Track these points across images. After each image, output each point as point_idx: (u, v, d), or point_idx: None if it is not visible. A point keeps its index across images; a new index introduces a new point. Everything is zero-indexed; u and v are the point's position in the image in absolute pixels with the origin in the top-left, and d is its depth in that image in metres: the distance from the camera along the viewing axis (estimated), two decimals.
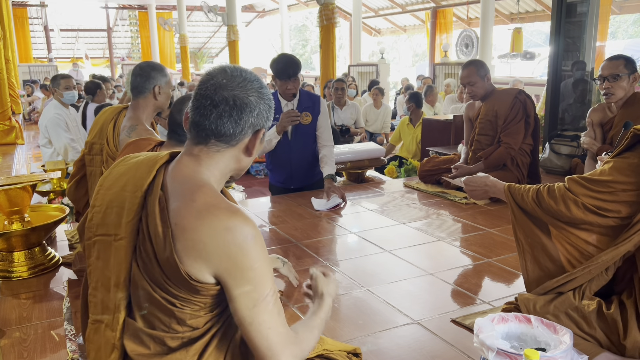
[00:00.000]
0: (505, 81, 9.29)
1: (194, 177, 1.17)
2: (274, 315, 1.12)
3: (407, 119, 6.05)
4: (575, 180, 1.70)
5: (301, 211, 3.42)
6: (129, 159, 1.30)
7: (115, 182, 1.25)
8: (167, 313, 1.14)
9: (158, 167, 1.20)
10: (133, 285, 1.18)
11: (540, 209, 1.76)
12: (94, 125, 2.56)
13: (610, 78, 3.03)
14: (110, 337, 1.18)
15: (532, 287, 1.80)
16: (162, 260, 1.11)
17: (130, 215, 1.17)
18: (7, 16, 8.59)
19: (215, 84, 1.17)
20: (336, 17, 8.12)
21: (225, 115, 1.16)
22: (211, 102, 1.16)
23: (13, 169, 4.82)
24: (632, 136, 1.63)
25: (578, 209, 1.67)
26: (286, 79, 3.34)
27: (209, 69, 1.23)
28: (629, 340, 1.57)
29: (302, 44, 30.50)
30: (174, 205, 1.12)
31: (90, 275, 1.24)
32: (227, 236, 1.08)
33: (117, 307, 1.18)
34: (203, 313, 1.15)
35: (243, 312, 1.10)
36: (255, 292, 1.10)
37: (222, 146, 1.19)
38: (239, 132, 1.18)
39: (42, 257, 2.53)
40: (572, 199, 1.68)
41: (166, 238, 1.10)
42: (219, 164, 1.20)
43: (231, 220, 1.09)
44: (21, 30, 17.98)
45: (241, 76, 1.19)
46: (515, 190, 1.85)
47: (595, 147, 3.15)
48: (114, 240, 1.18)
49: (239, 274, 1.09)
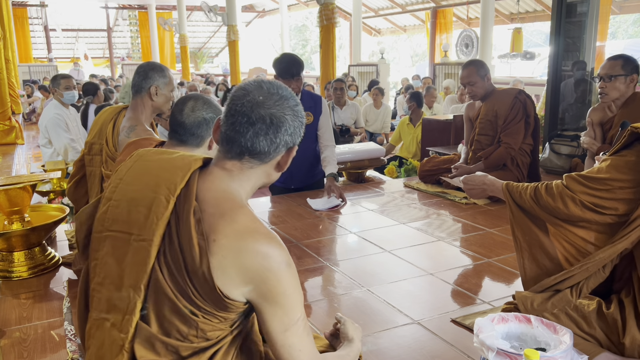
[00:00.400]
0: (505, 81, 9.29)
1: (230, 192, 1.17)
2: (303, 338, 1.17)
3: (407, 118, 6.05)
4: (573, 178, 1.71)
5: (301, 211, 3.42)
6: (155, 154, 1.26)
7: (139, 178, 1.21)
8: (187, 324, 1.12)
9: (192, 173, 1.17)
10: (153, 291, 1.14)
11: (538, 206, 1.76)
12: (94, 125, 2.55)
13: (605, 78, 3.03)
14: (118, 339, 1.14)
15: (530, 285, 1.81)
16: (193, 272, 1.10)
17: (158, 219, 1.13)
18: (7, 16, 8.58)
19: (251, 100, 1.16)
20: (336, 17, 8.11)
21: (261, 133, 1.16)
22: (248, 120, 1.15)
23: (13, 169, 4.83)
24: (629, 134, 1.63)
25: (576, 206, 1.67)
26: (289, 78, 3.35)
27: (244, 83, 1.21)
28: (628, 338, 1.57)
29: (302, 44, 30.50)
30: (211, 220, 1.11)
31: (95, 269, 1.21)
32: (264, 262, 1.09)
33: (131, 310, 1.14)
34: (223, 326, 1.15)
35: (276, 336, 1.14)
36: (286, 317, 1.13)
37: (255, 163, 1.19)
38: (274, 149, 1.19)
39: (42, 257, 2.53)
40: (569, 196, 1.68)
41: (202, 252, 1.09)
42: (250, 180, 1.21)
43: (269, 246, 1.11)
44: (21, 30, 17.99)
45: (278, 94, 1.19)
46: (513, 188, 1.85)
47: (595, 146, 3.15)
48: (135, 240, 1.15)
49: (273, 298, 1.11)
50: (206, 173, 1.19)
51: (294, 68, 3.35)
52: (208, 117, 1.89)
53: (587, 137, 3.25)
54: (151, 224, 1.13)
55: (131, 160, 1.27)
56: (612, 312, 1.62)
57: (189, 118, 1.88)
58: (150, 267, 1.12)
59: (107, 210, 1.21)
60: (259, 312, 1.14)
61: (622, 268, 1.70)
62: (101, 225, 1.21)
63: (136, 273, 1.13)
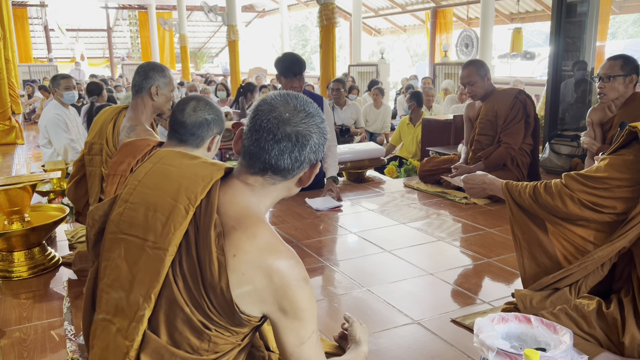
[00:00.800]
0: (505, 81, 9.28)
1: (250, 207, 1.15)
2: (317, 350, 1.18)
3: (407, 118, 6.05)
4: (571, 177, 1.72)
5: (301, 211, 3.42)
6: (176, 158, 1.23)
7: (158, 182, 1.18)
8: (199, 337, 1.11)
9: (213, 183, 1.15)
10: (165, 301, 1.11)
11: (537, 205, 1.77)
12: (94, 125, 2.55)
13: (604, 78, 3.04)
14: (122, 345, 1.12)
15: (529, 283, 1.81)
16: (210, 287, 1.08)
17: (175, 228, 1.11)
18: (7, 16, 8.59)
19: (278, 117, 1.14)
20: (336, 17, 8.10)
21: (286, 151, 1.14)
22: (273, 137, 1.13)
23: (13, 169, 4.83)
24: (627, 133, 1.64)
25: (574, 205, 1.68)
26: (292, 77, 3.36)
27: (270, 98, 1.18)
28: (627, 338, 1.57)
29: (302, 44, 30.50)
30: (232, 235, 1.09)
31: (105, 270, 1.18)
32: (284, 279, 1.09)
33: (139, 318, 1.11)
34: (234, 340, 1.14)
35: (291, 349, 1.15)
36: (302, 330, 1.14)
37: (278, 179, 1.18)
38: (297, 167, 1.17)
39: (42, 257, 2.53)
40: (568, 194, 1.69)
41: (221, 267, 1.07)
42: (271, 195, 1.20)
43: (289, 263, 1.10)
44: (21, 30, 17.98)
45: (304, 110, 1.17)
46: (513, 187, 1.86)
47: (595, 146, 3.15)
48: (150, 247, 1.12)
49: (292, 313, 1.11)
50: (227, 185, 1.17)
51: (296, 67, 3.36)
52: (210, 119, 1.91)
53: (587, 137, 3.25)
54: (168, 233, 1.11)
55: (150, 161, 1.24)
56: (612, 311, 1.63)
57: (190, 118, 1.89)
58: (164, 277, 1.10)
59: (123, 212, 1.18)
60: (276, 327, 1.14)
61: (622, 267, 1.71)
62: (116, 226, 1.18)
63: (149, 281, 1.11)
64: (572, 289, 1.69)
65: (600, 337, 1.64)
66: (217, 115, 1.94)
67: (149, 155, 1.27)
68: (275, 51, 26.21)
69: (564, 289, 1.69)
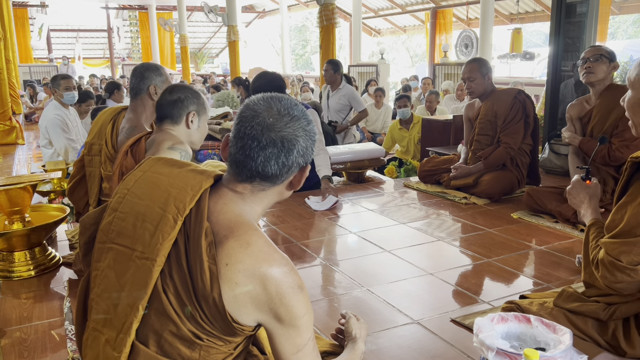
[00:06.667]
0: (505, 82, 9.27)
1: (242, 215, 1.13)
2: (314, 357, 1.16)
3: (397, 122, 6.00)
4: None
5: (301, 211, 3.42)
6: (165, 166, 1.22)
7: (149, 192, 1.16)
8: (190, 347, 1.09)
9: (202, 192, 1.13)
10: (154, 312, 1.10)
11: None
12: (94, 125, 2.56)
13: (592, 58, 3.10)
14: (112, 357, 1.11)
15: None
16: (202, 297, 1.06)
17: (164, 238, 1.09)
18: (8, 16, 8.59)
19: (261, 123, 1.11)
20: (336, 18, 8.11)
21: (272, 157, 1.12)
22: (258, 144, 1.11)
23: (13, 169, 4.84)
24: (630, 165, 1.56)
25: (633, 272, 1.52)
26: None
27: (253, 103, 1.16)
28: (630, 346, 1.57)
29: (302, 44, 30.50)
30: (224, 244, 1.07)
31: (95, 280, 1.17)
32: (279, 287, 1.07)
33: (126, 329, 1.09)
34: (226, 349, 1.13)
35: (287, 357, 1.13)
36: (299, 338, 1.12)
37: (267, 185, 1.16)
38: (285, 172, 1.15)
39: (43, 257, 2.53)
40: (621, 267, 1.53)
41: (213, 277, 1.05)
42: (262, 201, 1.19)
43: (284, 271, 1.08)
44: (21, 31, 17.98)
45: (289, 114, 1.14)
46: (588, 235, 1.72)
47: (577, 140, 3.19)
48: (138, 258, 1.10)
49: (288, 321, 1.09)
50: (217, 193, 1.15)
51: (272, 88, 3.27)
52: (183, 97, 2.12)
53: (567, 132, 3.29)
54: (156, 243, 1.09)
55: (140, 169, 1.23)
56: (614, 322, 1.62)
57: (165, 99, 2.12)
58: (151, 288, 1.08)
59: (112, 221, 1.17)
60: (272, 335, 1.12)
61: None
62: (105, 236, 1.17)
63: (137, 292, 1.09)
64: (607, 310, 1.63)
65: (599, 339, 1.64)
66: (190, 94, 2.12)
67: (139, 164, 1.26)
68: (275, 51, 26.22)
69: (601, 305, 1.64)
